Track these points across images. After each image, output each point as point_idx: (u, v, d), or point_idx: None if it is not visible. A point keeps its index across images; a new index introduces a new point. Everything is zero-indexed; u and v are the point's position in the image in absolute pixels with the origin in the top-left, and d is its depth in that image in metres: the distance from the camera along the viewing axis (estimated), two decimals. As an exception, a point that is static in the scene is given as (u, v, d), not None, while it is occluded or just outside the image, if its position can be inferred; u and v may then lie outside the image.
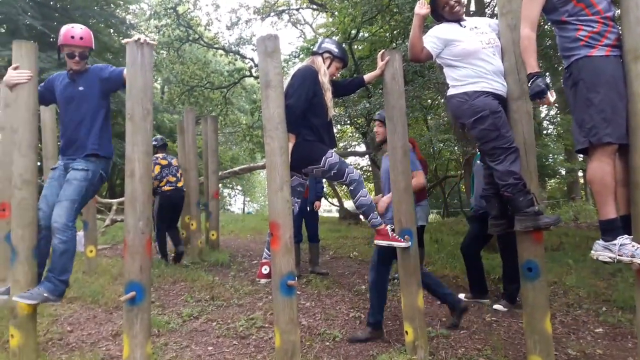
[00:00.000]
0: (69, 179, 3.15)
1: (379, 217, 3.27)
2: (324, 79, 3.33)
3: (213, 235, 7.54)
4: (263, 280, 3.27)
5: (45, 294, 2.91)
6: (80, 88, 3.27)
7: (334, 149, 3.36)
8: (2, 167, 3.97)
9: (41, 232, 3.10)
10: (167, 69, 17.43)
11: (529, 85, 2.68)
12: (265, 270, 3.18)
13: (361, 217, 3.37)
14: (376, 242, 3.24)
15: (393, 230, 3.24)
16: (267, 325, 3.88)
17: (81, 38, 3.27)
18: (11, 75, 3.02)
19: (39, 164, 3.79)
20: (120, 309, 4.18)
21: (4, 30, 14.27)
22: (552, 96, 2.63)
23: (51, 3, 15.16)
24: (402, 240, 3.17)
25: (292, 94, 3.16)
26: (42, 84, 3.37)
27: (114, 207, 9.55)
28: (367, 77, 3.57)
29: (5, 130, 4.03)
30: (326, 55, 3.44)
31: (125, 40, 2.91)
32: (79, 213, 3.18)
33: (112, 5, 17.18)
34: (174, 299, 4.78)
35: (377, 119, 4.23)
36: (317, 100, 3.26)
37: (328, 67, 3.41)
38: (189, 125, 7.46)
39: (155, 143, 6.35)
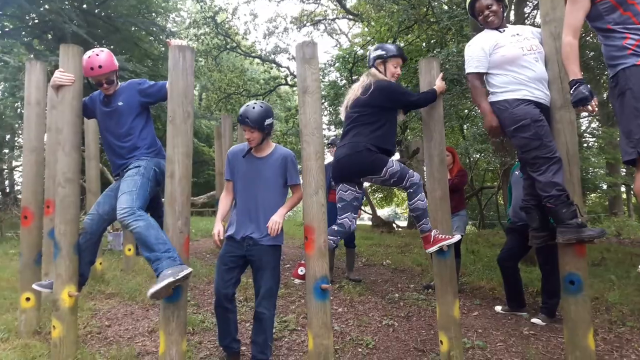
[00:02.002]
0: (123, 178, 3.18)
1: (430, 223, 3.21)
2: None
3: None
4: (297, 281, 3.29)
5: (168, 273, 2.66)
6: (120, 103, 3.30)
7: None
8: (47, 166, 4.12)
9: (85, 234, 3.19)
10: (205, 76, 17.83)
11: (571, 92, 2.60)
12: (301, 271, 3.19)
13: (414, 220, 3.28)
14: (427, 250, 3.19)
15: (438, 233, 3.18)
16: (299, 328, 3.88)
17: (100, 67, 3.23)
18: (56, 76, 3.14)
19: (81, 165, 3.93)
20: (156, 306, 4.28)
21: (50, 37, 14.90)
22: (596, 104, 2.56)
23: (96, 11, 15.72)
24: (449, 237, 3.12)
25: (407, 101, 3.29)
26: (87, 97, 3.45)
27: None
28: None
29: (51, 131, 4.19)
30: (378, 62, 3.44)
31: (169, 40, 2.99)
32: (144, 204, 3.06)
33: (153, 14, 17.70)
34: (209, 298, 4.84)
35: (241, 122, 3.14)
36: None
37: (386, 71, 3.41)
38: (225, 131, 7.59)
39: None
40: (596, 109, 2.59)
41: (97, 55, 3.24)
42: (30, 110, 3.74)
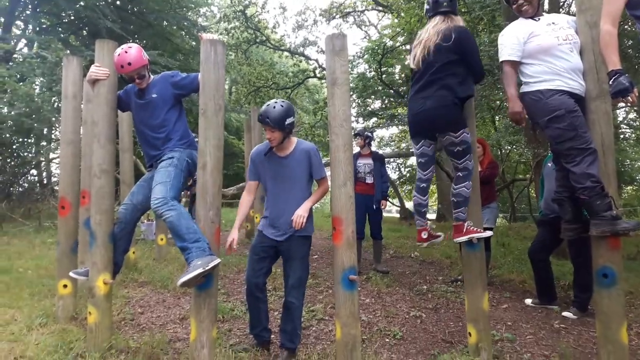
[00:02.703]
0: (158, 169, 3.24)
1: (466, 214, 3.16)
2: None
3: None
4: (424, 244, 3.35)
5: (198, 263, 2.69)
6: (154, 95, 3.35)
7: None
8: (83, 158, 4.25)
9: (120, 223, 3.29)
10: (234, 70, 17.98)
11: (610, 82, 2.52)
12: (424, 235, 3.31)
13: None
14: (455, 240, 3.17)
15: (471, 225, 3.15)
16: (327, 317, 3.92)
17: (129, 64, 3.24)
18: (92, 71, 3.23)
19: (115, 157, 4.03)
20: (188, 294, 4.39)
21: (86, 33, 15.27)
22: (636, 95, 2.48)
23: (128, 7, 16.01)
24: (481, 230, 3.10)
25: (471, 55, 3.10)
26: (121, 91, 3.52)
27: (183, 199, 9.97)
28: None
29: (87, 124, 4.32)
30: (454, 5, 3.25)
31: (201, 34, 3.04)
32: (177, 194, 3.14)
33: (184, 9, 17.91)
34: (238, 287, 4.94)
35: (262, 122, 3.11)
36: None
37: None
38: (255, 124, 7.70)
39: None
40: (635, 100, 2.52)
41: (126, 52, 3.26)
42: (67, 104, 3.86)
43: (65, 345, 3.08)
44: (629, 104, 2.54)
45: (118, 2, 15.79)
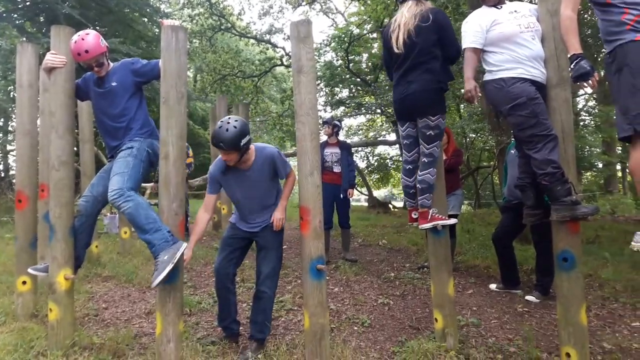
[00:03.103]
0: (116, 160, 3.15)
1: (431, 201, 3.19)
2: None
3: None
4: (414, 224, 3.33)
5: (165, 259, 2.66)
6: (114, 84, 3.23)
7: None
8: (41, 149, 4.09)
9: (81, 217, 3.18)
10: (199, 57, 17.65)
11: (571, 67, 2.56)
12: (414, 215, 3.30)
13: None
14: (421, 227, 3.19)
15: (436, 212, 3.18)
16: (295, 307, 3.92)
17: (87, 51, 3.09)
18: (47, 58, 3.09)
19: (75, 148, 3.88)
20: (154, 288, 4.30)
21: (42, 20, 14.67)
22: (596, 79, 2.54)
23: (89, -8, 15.45)
24: (445, 217, 3.13)
25: (448, 39, 3.11)
26: (80, 79, 3.39)
27: (148, 191, 9.78)
28: None
29: (44, 114, 4.15)
30: None
31: (162, 20, 2.94)
32: (136, 185, 3.03)
33: (147, -5, 17.40)
34: (206, 280, 4.88)
35: (216, 146, 3.00)
36: None
37: None
38: (221, 113, 7.57)
39: None
40: (595, 85, 2.57)
41: (83, 39, 3.11)
42: (23, 94, 3.71)
43: (26, 343, 2.98)
44: (590, 88, 2.60)
45: (77, -13, 15.21)
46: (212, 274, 5.08)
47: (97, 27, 15.77)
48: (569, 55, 2.61)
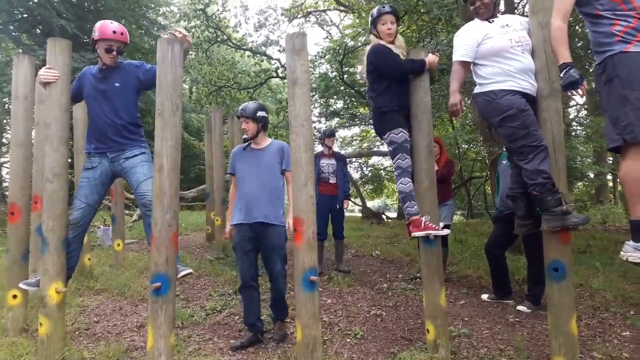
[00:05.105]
0: (136, 163, 3.27)
1: (415, 206, 3.24)
2: (392, 47, 3.46)
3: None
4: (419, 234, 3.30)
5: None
6: (117, 84, 3.33)
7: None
8: (35, 161, 4.08)
9: (76, 228, 3.19)
10: (195, 69, 17.70)
11: (561, 75, 2.59)
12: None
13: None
14: (413, 234, 3.21)
15: (428, 220, 3.19)
16: (288, 320, 3.91)
17: (122, 33, 3.35)
18: (41, 73, 3.13)
19: (69, 160, 3.88)
20: (146, 301, 4.29)
21: (39, 32, 14.69)
22: (585, 87, 2.57)
23: (85, 5, 15.51)
24: (438, 227, 3.15)
25: (381, 67, 3.41)
26: (75, 81, 3.44)
27: (142, 203, 9.74)
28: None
29: (39, 126, 4.15)
30: (372, 27, 3.58)
31: (173, 31, 3.00)
32: None
33: (143, 8, 17.49)
34: (198, 292, 4.86)
35: (240, 115, 3.66)
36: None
37: (379, 34, 3.52)
38: (216, 124, 7.58)
39: None
40: (585, 93, 2.61)
41: (118, 24, 3.38)
42: (18, 105, 3.72)
43: (15, 359, 2.95)
44: (579, 96, 2.64)
45: (74, 0, 15.25)
46: (204, 286, 5.10)
47: (93, 39, 15.81)
48: (559, 65, 2.64)
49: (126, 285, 4.87)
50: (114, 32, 3.30)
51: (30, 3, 13.14)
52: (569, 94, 2.64)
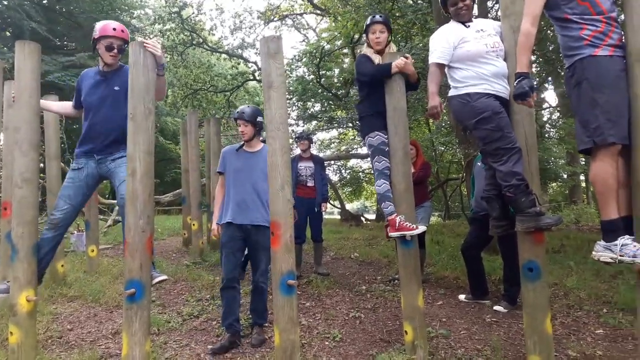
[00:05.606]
0: (120, 164, 3.19)
1: (391, 206, 3.30)
2: (371, 55, 3.59)
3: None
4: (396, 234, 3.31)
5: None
6: (116, 88, 3.26)
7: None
8: (4, 166, 3.98)
9: (56, 228, 3.12)
10: (170, 72, 17.51)
11: (514, 84, 2.63)
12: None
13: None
14: (390, 235, 3.26)
15: (403, 220, 3.22)
16: (266, 324, 3.88)
17: (122, 31, 3.32)
18: None
19: (41, 165, 3.80)
20: (121, 307, 4.19)
21: (9, 34, 14.34)
22: (534, 99, 2.62)
23: (56, 7, 15.21)
24: (413, 227, 3.17)
25: (357, 75, 3.63)
26: (75, 94, 3.44)
27: (117, 208, 9.58)
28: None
29: (8, 130, 4.05)
30: (365, 36, 3.75)
31: (144, 42, 2.92)
32: None
33: (117, 10, 17.25)
34: (175, 298, 4.79)
35: (239, 117, 3.70)
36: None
37: (369, 42, 3.64)
38: (191, 127, 7.50)
39: None
40: (533, 105, 2.66)
41: (120, 24, 3.39)
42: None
43: (-17, 369, 2.86)
44: (528, 107, 2.69)
45: (45, 2, 14.94)
46: (181, 291, 5.02)
47: (66, 42, 15.51)
48: (515, 73, 2.66)
49: (101, 292, 4.77)
50: (114, 29, 3.28)
51: (0, 5, 12.83)
52: (518, 103, 2.68)
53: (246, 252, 3.90)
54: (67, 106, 3.60)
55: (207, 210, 7.70)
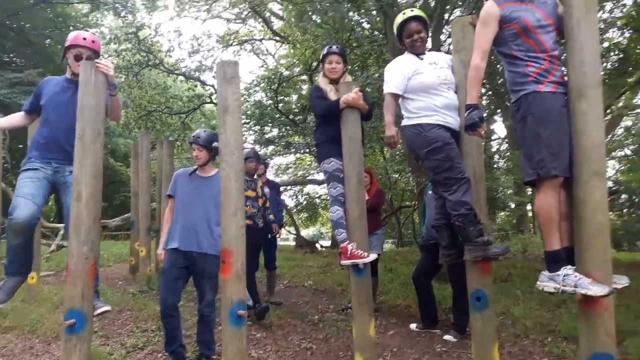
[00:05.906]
0: (68, 185, 3.00)
1: (344, 234, 3.32)
2: (324, 85, 3.71)
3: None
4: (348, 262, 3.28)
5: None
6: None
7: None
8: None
9: (24, 233, 2.91)
10: (124, 93, 17.14)
11: (465, 115, 2.72)
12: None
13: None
14: (341, 263, 3.27)
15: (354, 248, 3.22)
16: (215, 356, 3.75)
17: (93, 41, 3.26)
18: None
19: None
20: (60, 339, 3.96)
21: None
22: (484, 129, 2.72)
23: (7, 22, 14.68)
24: (364, 255, 3.16)
25: (311, 106, 3.85)
26: (31, 98, 3.30)
27: (61, 232, 9.15)
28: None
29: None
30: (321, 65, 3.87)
31: (97, 62, 2.82)
32: None
33: (70, 28, 16.83)
34: (119, 328, 4.58)
35: (193, 142, 3.69)
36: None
37: (324, 73, 3.78)
38: (143, 149, 7.32)
39: None
40: (483, 134, 2.76)
41: (92, 34, 3.37)
42: None
43: None
44: (478, 137, 2.79)
45: (-6, 18, 14.41)
46: (126, 322, 4.81)
47: (15, 59, 14.94)
48: (465, 104, 2.75)
49: (39, 322, 4.50)
50: (84, 39, 3.21)
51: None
52: (469, 134, 2.77)
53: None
54: (15, 117, 3.43)
55: (157, 235, 7.46)
